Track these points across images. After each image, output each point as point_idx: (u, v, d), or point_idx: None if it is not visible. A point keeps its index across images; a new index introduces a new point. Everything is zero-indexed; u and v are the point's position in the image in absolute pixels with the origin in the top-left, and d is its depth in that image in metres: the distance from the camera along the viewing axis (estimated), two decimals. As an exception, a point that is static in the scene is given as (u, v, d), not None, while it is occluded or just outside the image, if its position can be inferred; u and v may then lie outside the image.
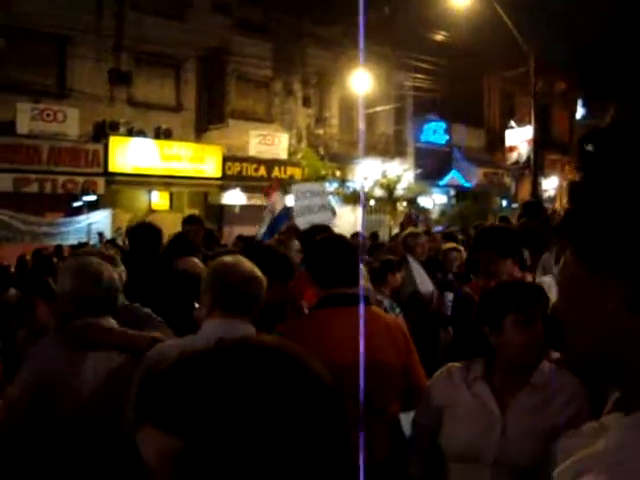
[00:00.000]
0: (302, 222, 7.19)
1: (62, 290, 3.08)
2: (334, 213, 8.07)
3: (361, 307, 2.93)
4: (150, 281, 4.49)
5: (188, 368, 0.95)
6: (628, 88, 38.01)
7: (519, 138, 28.22)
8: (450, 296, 5.69)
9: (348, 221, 21.59)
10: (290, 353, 0.98)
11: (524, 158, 27.39)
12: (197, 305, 3.70)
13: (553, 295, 3.95)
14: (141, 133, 20.78)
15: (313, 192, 7.72)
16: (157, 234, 5.56)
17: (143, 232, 5.56)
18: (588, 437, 0.81)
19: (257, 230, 8.43)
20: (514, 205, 26.36)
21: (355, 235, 8.88)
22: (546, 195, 28.02)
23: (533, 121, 24.34)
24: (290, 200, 8.54)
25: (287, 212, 7.83)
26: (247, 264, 2.99)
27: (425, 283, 6.14)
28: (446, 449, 2.61)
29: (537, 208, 10.64)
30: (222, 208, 22.92)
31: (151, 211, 21.36)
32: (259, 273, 2.96)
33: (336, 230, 5.68)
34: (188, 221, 7.44)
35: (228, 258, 3.09)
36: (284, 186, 11.39)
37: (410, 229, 7.87)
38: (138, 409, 0.96)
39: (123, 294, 3.91)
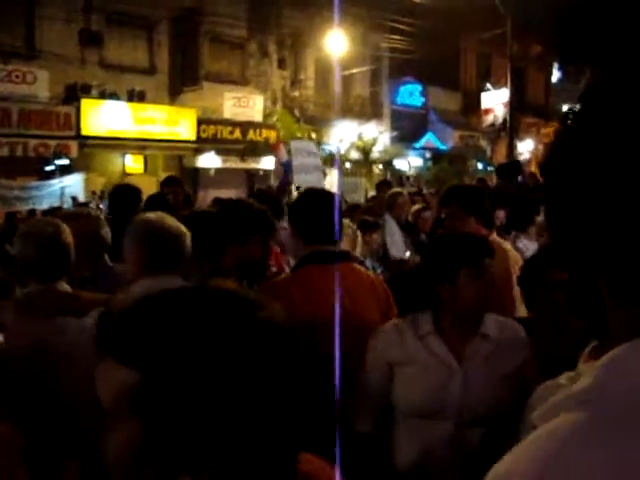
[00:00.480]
0: (298, 180, 7.10)
1: (15, 256, 3.01)
2: (325, 175, 8.05)
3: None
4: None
5: (149, 306, 0.99)
6: (604, 51, 38.08)
7: (495, 100, 28.23)
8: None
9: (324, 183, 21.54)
10: (246, 296, 1.02)
11: (500, 120, 27.44)
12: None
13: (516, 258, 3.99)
14: (114, 96, 20.46)
15: (309, 152, 7.59)
16: (136, 195, 5.55)
17: (122, 193, 5.57)
18: (565, 385, 0.81)
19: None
20: (490, 168, 26.43)
21: None
22: (522, 158, 28.11)
23: (509, 84, 24.34)
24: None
25: (288, 165, 7.73)
26: (171, 220, 2.95)
27: (396, 246, 6.15)
28: (403, 406, 2.61)
29: (512, 170, 10.68)
30: (197, 171, 22.75)
31: (125, 174, 21.14)
32: (184, 228, 2.92)
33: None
34: (167, 182, 7.40)
35: (151, 215, 3.02)
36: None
37: (395, 189, 7.86)
38: (98, 345, 0.99)
39: (107, 255, 3.86)
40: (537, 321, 2.80)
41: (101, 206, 17.43)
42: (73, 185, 18.47)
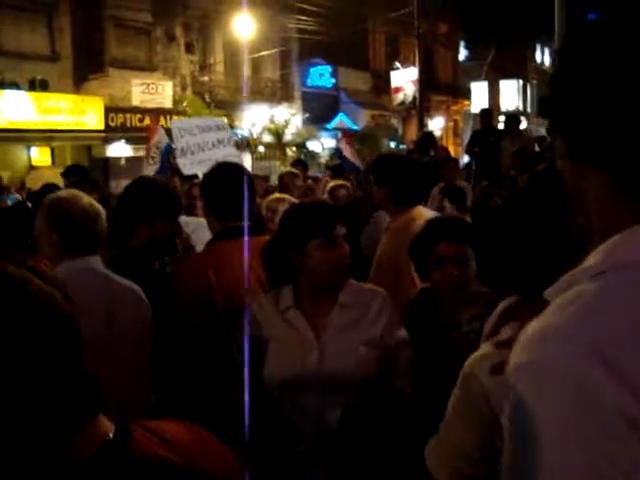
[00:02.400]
0: (186, 162, 6.66)
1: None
2: (239, 147, 7.47)
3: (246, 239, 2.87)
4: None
5: None
6: (508, 30, 39.12)
7: (404, 79, 28.53)
8: None
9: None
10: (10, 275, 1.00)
11: (410, 99, 27.76)
12: None
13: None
14: (14, 85, 19.68)
15: (203, 127, 7.07)
16: None
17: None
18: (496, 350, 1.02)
19: (144, 168, 7.63)
20: (402, 146, 26.74)
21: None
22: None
23: (418, 62, 24.64)
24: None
25: (169, 147, 7.17)
26: (86, 198, 2.85)
27: None
28: (269, 380, 2.60)
29: (427, 143, 10.90)
30: (107, 161, 22.22)
31: (32, 168, 20.44)
32: (100, 207, 2.86)
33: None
34: (68, 173, 7.13)
35: (64, 193, 2.92)
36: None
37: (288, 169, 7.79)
38: None
39: None
40: (434, 292, 2.87)
41: (8, 202, 16.82)
42: (-25, 179, 17.72)
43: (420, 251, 2.89)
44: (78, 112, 20.99)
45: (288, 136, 24.73)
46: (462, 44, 42.11)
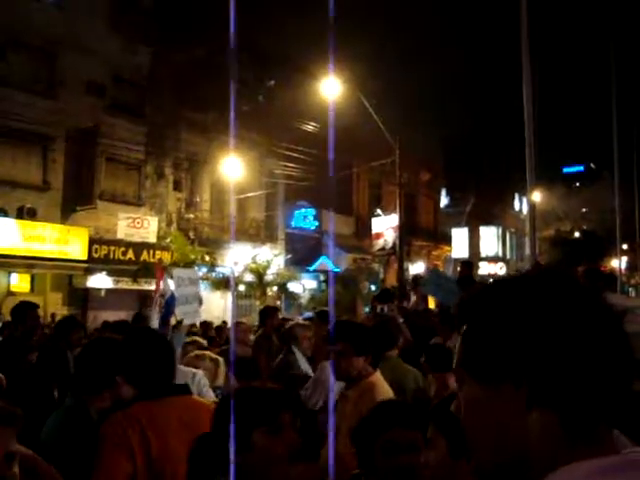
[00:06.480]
0: (179, 311, 6.77)
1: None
2: (201, 303, 7.69)
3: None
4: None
5: None
6: (486, 179, 40.62)
7: (385, 225, 29.26)
8: None
9: (217, 306, 21.36)
10: None
11: (390, 245, 28.34)
12: None
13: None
14: (2, 212, 19.94)
15: (192, 280, 7.27)
16: None
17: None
18: None
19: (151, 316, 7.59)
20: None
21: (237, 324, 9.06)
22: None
23: (398, 209, 25.30)
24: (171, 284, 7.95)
25: (172, 298, 7.24)
26: None
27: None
28: None
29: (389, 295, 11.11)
30: (87, 292, 22.17)
31: (10, 293, 20.32)
32: None
33: (204, 316, 5.55)
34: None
35: None
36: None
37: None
38: None
39: None
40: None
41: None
42: (-49, 304, 17.58)
43: (368, 438, 2.54)
44: (62, 242, 21.14)
45: (269, 276, 24.93)
46: (443, 192, 43.46)
